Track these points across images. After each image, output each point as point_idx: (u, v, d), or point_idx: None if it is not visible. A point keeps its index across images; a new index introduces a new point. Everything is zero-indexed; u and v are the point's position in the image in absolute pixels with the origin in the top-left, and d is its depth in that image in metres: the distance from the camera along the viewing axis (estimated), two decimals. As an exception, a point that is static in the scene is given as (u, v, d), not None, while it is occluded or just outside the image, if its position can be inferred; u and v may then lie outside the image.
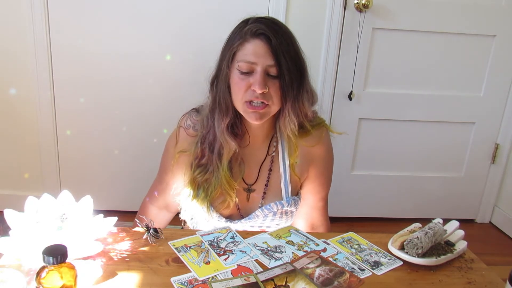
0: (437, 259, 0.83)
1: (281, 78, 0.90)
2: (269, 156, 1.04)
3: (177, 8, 1.85)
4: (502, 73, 2.09)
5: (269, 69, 0.90)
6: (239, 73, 0.91)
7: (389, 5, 1.92)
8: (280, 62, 0.89)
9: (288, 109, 0.94)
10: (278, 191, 1.04)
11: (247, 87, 0.90)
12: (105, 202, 1.96)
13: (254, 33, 0.89)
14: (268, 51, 0.88)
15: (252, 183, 1.04)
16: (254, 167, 1.04)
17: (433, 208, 2.26)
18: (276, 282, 0.73)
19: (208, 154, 0.99)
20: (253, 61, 0.89)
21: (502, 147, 2.22)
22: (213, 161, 0.98)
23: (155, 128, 1.93)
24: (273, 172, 1.04)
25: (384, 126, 2.12)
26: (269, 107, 0.92)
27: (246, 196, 1.04)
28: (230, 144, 0.96)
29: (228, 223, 1.02)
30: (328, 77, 1.98)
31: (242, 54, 0.90)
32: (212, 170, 0.98)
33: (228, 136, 0.96)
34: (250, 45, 0.90)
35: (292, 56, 0.91)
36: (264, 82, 0.89)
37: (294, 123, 0.96)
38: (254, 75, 0.89)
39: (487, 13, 1.98)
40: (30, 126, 1.97)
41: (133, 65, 1.91)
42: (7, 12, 1.81)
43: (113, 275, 0.75)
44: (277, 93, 0.91)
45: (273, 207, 1.02)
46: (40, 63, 1.87)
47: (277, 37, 0.89)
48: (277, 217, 1.04)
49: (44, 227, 0.77)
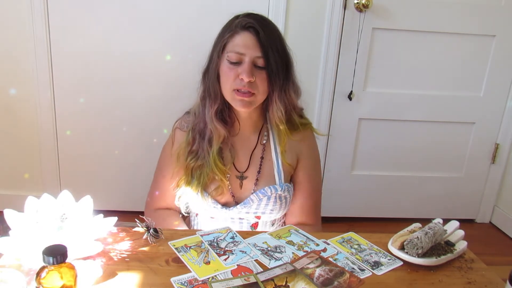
0: (437, 259, 0.83)
1: (268, 68, 0.96)
2: (261, 145, 1.09)
3: (177, 8, 1.85)
4: (502, 73, 2.09)
5: (257, 60, 0.96)
6: (228, 63, 0.97)
7: (389, 5, 1.92)
8: (268, 54, 0.95)
9: (275, 98, 1.00)
10: (271, 178, 1.08)
11: (235, 76, 0.96)
12: (105, 202, 1.96)
13: (243, 26, 0.96)
14: (256, 43, 0.95)
15: (243, 170, 1.08)
16: (245, 155, 1.09)
17: (433, 208, 2.27)
18: (276, 282, 0.73)
19: (199, 140, 1.05)
20: (242, 52, 0.95)
21: (502, 147, 2.22)
22: (204, 147, 1.04)
23: (155, 128, 1.93)
24: (265, 160, 1.09)
25: (384, 126, 2.12)
26: (255, 95, 0.98)
27: (239, 183, 1.08)
28: (219, 130, 1.02)
29: (224, 209, 1.05)
30: (328, 77, 1.98)
31: (231, 45, 0.97)
32: (204, 156, 1.04)
33: (217, 123, 1.02)
34: (239, 37, 0.96)
35: (278, 49, 0.97)
36: (251, 72, 0.95)
37: (281, 111, 1.02)
38: (242, 65, 0.95)
39: (487, 13, 1.98)
40: (30, 126, 1.97)
41: (133, 65, 1.91)
42: (7, 13, 1.81)
43: (113, 275, 0.75)
44: (263, 83, 0.97)
45: (267, 191, 1.06)
46: (40, 63, 1.87)
47: (265, 31, 0.96)
48: (271, 202, 1.06)
49: (44, 227, 0.77)
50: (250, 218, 1.08)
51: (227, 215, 1.07)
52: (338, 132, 2.09)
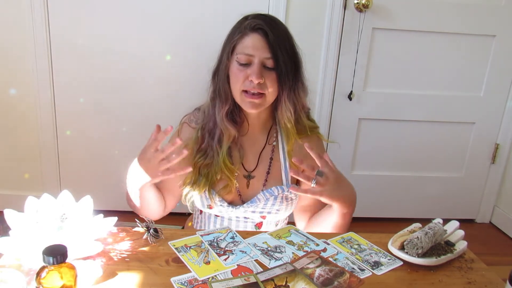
0: (437, 259, 0.83)
1: (278, 69, 0.96)
2: (270, 145, 1.10)
3: (178, 8, 1.85)
4: (502, 73, 2.09)
5: (266, 61, 0.96)
6: (238, 65, 0.97)
7: (389, 5, 1.92)
8: (277, 55, 0.95)
9: (284, 98, 1.00)
10: (279, 179, 1.09)
11: (244, 78, 0.96)
12: (105, 202, 1.95)
13: (252, 28, 0.96)
14: (265, 45, 0.95)
15: (251, 170, 1.09)
16: (254, 155, 1.09)
17: (433, 208, 2.26)
18: (276, 282, 0.73)
19: (208, 139, 1.05)
20: (251, 54, 0.95)
21: (502, 147, 2.22)
22: (213, 146, 1.04)
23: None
24: (274, 161, 1.09)
25: (384, 126, 2.12)
26: (264, 97, 0.98)
27: (246, 182, 1.09)
28: (229, 130, 1.03)
29: (230, 207, 1.06)
30: (328, 77, 1.98)
31: (241, 47, 0.97)
32: (212, 155, 1.04)
33: (227, 123, 1.02)
34: (248, 38, 0.96)
35: (287, 50, 0.97)
36: (261, 73, 0.95)
37: (291, 111, 1.02)
38: (252, 66, 0.96)
39: (487, 13, 1.98)
40: (30, 126, 1.97)
41: (133, 65, 1.91)
42: (7, 12, 1.81)
43: (113, 275, 0.75)
44: (273, 84, 0.97)
45: (274, 191, 1.06)
46: (40, 63, 1.87)
47: (274, 32, 0.95)
48: (277, 202, 1.06)
49: (44, 227, 0.77)
50: (255, 217, 1.08)
51: (233, 214, 1.07)
52: (338, 132, 2.09)
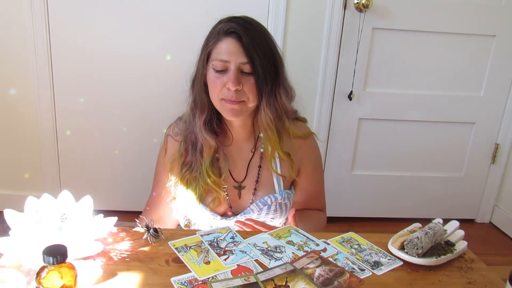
0: (437, 259, 0.83)
1: (255, 74, 0.91)
2: (258, 153, 1.06)
3: (178, 8, 1.85)
4: (502, 73, 2.09)
5: (243, 67, 0.91)
6: (214, 72, 0.93)
7: (389, 5, 1.92)
8: (253, 59, 0.90)
9: (264, 104, 0.95)
10: (271, 186, 1.06)
11: (222, 85, 0.92)
12: (105, 202, 1.96)
13: (225, 32, 0.92)
14: (240, 49, 0.90)
15: (241, 180, 1.06)
16: (242, 164, 1.06)
17: (433, 208, 2.27)
18: (276, 282, 0.73)
19: (191, 152, 1.01)
20: (226, 59, 0.91)
21: (502, 147, 2.22)
22: (197, 158, 1.01)
23: (155, 128, 1.92)
24: (263, 169, 1.06)
25: (384, 126, 2.12)
26: (245, 103, 0.94)
27: (237, 193, 1.06)
28: (209, 141, 0.99)
29: (223, 220, 1.03)
30: (328, 77, 1.98)
31: (215, 53, 0.93)
32: (197, 168, 1.01)
33: (206, 133, 0.98)
34: (223, 43, 0.92)
35: (265, 53, 0.92)
36: (238, 80, 0.91)
37: (271, 118, 0.97)
38: (228, 73, 0.91)
39: (487, 13, 1.98)
40: (30, 126, 1.97)
41: (133, 65, 1.91)
42: (7, 12, 1.81)
43: (113, 275, 0.75)
44: (252, 90, 0.93)
45: (267, 200, 1.04)
46: (40, 63, 1.87)
47: (249, 35, 0.90)
48: (271, 211, 1.05)
49: (44, 227, 0.77)
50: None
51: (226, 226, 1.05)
52: (338, 132, 2.09)
